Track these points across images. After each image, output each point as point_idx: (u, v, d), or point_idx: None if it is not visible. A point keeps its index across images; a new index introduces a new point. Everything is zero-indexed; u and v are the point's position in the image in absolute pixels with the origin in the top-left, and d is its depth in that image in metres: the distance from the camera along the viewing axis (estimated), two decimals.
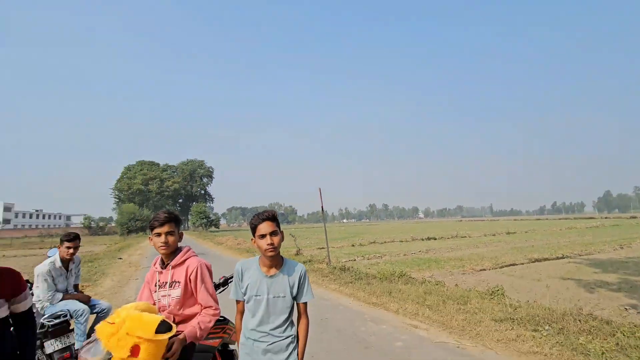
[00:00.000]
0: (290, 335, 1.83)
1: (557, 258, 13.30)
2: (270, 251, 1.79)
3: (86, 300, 3.50)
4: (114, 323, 1.43)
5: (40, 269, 3.31)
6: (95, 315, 3.58)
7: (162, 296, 1.95)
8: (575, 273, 9.97)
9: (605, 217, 75.40)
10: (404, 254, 16.25)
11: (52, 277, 3.35)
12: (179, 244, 2.09)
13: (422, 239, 25.04)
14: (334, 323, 5.12)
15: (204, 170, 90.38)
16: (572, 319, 4.45)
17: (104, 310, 3.54)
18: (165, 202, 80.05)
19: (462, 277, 9.57)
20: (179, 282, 1.95)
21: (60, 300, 3.35)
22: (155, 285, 1.98)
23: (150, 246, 25.73)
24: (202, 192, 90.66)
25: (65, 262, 3.50)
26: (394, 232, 39.71)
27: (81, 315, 3.28)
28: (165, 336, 1.45)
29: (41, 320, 3.11)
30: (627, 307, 6.36)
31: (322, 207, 10.98)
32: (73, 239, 3.49)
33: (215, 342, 2.05)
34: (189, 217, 71.41)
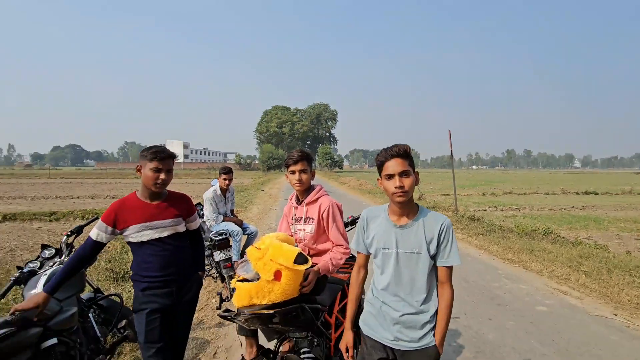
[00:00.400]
0: (428, 312, 1.48)
1: None
2: (399, 195, 1.42)
3: (239, 223, 4.26)
4: (260, 249, 1.61)
5: (207, 195, 4.14)
6: (246, 236, 4.34)
7: (298, 229, 2.13)
8: None
9: None
10: (550, 208, 13.86)
11: (215, 202, 4.15)
12: (312, 182, 2.17)
13: (577, 193, 20.74)
14: (460, 272, 4.84)
15: (328, 113, 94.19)
16: None
17: (252, 233, 4.25)
18: (296, 144, 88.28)
19: (635, 242, 7.59)
20: (312, 218, 2.08)
21: (222, 222, 4.16)
22: (292, 219, 2.15)
23: (285, 182, 29.42)
24: (327, 134, 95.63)
25: (223, 191, 4.26)
26: (538, 182, 34.09)
27: (237, 235, 4.03)
28: (302, 267, 1.56)
29: (209, 235, 3.93)
30: None
31: (451, 151, 10.05)
32: (228, 172, 4.19)
33: (345, 277, 2.16)
34: (316, 157, 77.29)
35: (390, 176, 1.45)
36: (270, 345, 2.11)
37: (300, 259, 1.54)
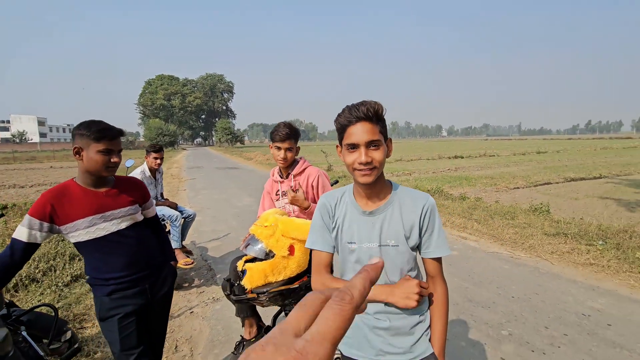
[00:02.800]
0: (418, 311, 1.19)
1: (594, 178, 13.03)
2: (365, 174, 1.09)
3: (174, 207, 3.84)
4: (267, 226, 1.56)
5: None
6: (183, 220, 3.96)
7: (286, 203, 2.09)
8: (614, 192, 9.85)
9: None
10: (433, 171, 16.35)
11: (145, 185, 3.63)
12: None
13: (449, 157, 24.85)
14: None
15: (224, 85, 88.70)
16: (627, 235, 4.54)
17: (191, 216, 3.90)
18: (189, 118, 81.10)
19: (496, 194, 9.66)
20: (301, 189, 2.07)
21: (155, 206, 3.68)
22: (277, 194, 2.11)
23: (184, 160, 27.06)
24: (224, 108, 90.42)
25: (153, 172, 3.74)
26: (418, 150, 39.38)
27: (176, 219, 3.64)
28: None
29: None
30: None
31: None
32: (159, 150, 3.69)
33: None
34: (213, 133, 72.67)
35: (352, 146, 1.09)
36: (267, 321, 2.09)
37: None
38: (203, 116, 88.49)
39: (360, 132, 1.07)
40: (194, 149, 67.45)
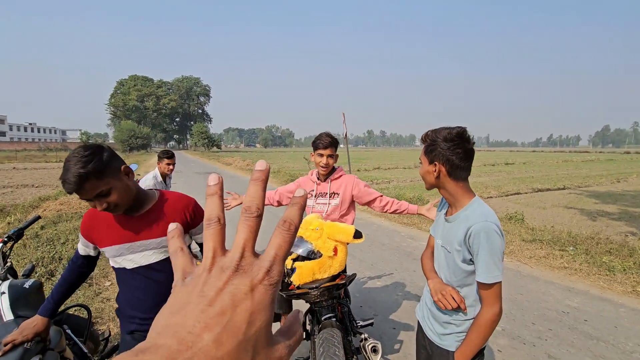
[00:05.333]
0: (451, 315, 1.36)
1: (559, 189, 14.01)
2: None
3: None
4: (313, 229, 1.74)
5: (147, 183, 3.62)
6: None
7: (321, 203, 2.32)
8: (577, 203, 10.68)
9: (600, 152, 76.87)
10: (410, 180, 16.94)
11: (157, 189, 3.66)
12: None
13: None
14: (376, 236, 5.73)
15: (200, 88, 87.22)
16: (594, 242, 5.05)
17: None
18: (163, 121, 78.92)
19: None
20: (337, 193, 2.32)
21: None
22: (310, 193, 2.34)
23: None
24: (200, 111, 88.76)
25: (164, 177, 3.79)
26: (394, 158, 40.47)
27: None
28: (360, 240, 1.77)
29: None
30: (627, 234, 7.09)
31: (345, 132, 11.08)
32: (172, 156, 3.75)
33: None
34: (188, 136, 71.02)
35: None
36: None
37: (357, 233, 1.75)
38: (177, 119, 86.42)
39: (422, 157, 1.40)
40: None
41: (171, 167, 3.74)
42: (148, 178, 3.66)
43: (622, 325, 3.07)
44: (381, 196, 2.37)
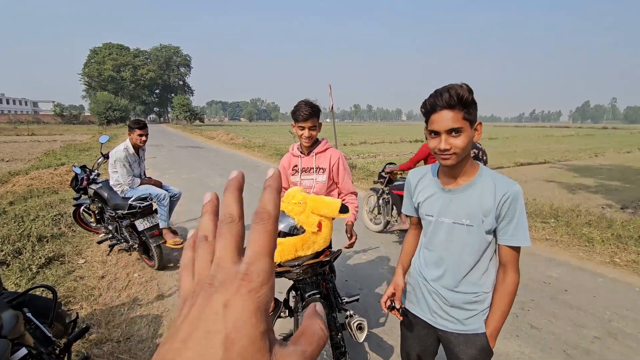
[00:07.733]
0: (477, 291, 1.23)
1: (540, 163, 14.32)
2: (445, 159, 1.14)
3: (159, 185, 3.67)
4: (296, 203, 1.60)
5: (117, 155, 3.36)
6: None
7: (307, 179, 2.16)
8: (557, 177, 10.94)
9: (579, 127, 78.92)
10: (396, 154, 16.94)
11: (129, 162, 3.43)
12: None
13: (410, 141, 25.81)
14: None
15: (180, 58, 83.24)
16: (574, 214, 5.14)
17: (176, 195, 3.76)
18: (142, 92, 75.55)
19: None
20: (323, 168, 2.14)
21: (140, 185, 3.51)
22: (293, 169, 2.16)
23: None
24: (181, 83, 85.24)
25: (136, 149, 3.53)
26: (381, 133, 40.36)
27: (163, 199, 3.50)
28: (346, 215, 1.65)
29: (130, 202, 3.31)
30: (604, 207, 7.31)
31: (332, 105, 10.79)
32: (144, 126, 3.48)
33: None
34: (169, 109, 68.55)
35: (434, 133, 1.14)
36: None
37: (343, 209, 1.62)
38: (157, 91, 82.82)
39: (441, 120, 1.10)
40: (149, 126, 63.32)
41: (144, 138, 3.47)
42: (119, 150, 3.40)
43: (601, 294, 3.14)
44: (353, 194, 2.18)
